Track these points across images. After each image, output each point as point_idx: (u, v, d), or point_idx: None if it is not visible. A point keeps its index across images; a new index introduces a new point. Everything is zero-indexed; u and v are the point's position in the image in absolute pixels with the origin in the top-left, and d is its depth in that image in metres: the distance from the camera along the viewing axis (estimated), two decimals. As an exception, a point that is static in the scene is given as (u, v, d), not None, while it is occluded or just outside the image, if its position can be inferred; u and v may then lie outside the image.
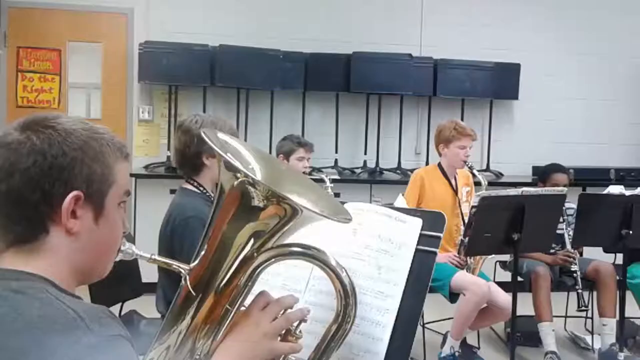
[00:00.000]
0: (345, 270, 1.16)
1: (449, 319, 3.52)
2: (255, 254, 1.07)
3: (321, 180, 3.89)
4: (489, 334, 4.06)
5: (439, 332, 3.75)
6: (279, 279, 1.53)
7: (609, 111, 5.92)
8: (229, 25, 5.33)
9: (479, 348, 3.71)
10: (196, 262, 1.05)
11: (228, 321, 1.06)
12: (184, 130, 2.27)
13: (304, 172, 3.74)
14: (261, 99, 5.37)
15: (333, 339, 1.17)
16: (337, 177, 4.71)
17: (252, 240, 1.06)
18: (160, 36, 5.12)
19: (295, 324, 1.12)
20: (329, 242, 1.53)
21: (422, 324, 3.77)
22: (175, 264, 1.06)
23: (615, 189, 3.50)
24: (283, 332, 1.10)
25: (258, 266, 1.07)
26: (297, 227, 1.09)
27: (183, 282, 1.05)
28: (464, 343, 3.55)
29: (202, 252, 1.06)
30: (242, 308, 1.09)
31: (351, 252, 1.54)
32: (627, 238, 3.28)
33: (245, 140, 5.22)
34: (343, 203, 1.67)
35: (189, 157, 2.26)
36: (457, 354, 3.39)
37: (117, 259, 1.02)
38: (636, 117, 5.94)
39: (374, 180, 5.28)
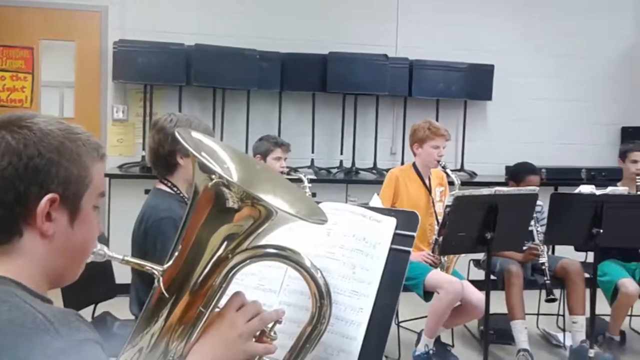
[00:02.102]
0: (320, 271, 1.17)
1: (423, 317, 3.55)
2: (230, 255, 1.06)
3: (299, 180, 3.90)
4: (462, 332, 4.10)
5: (413, 331, 3.78)
6: (254, 279, 1.53)
7: (580, 112, 6.03)
8: (205, 24, 5.31)
9: (453, 346, 3.74)
10: (169, 263, 1.04)
11: (202, 322, 1.06)
12: (158, 129, 2.25)
13: (281, 172, 3.75)
14: (237, 98, 5.36)
15: (308, 340, 1.17)
16: (313, 177, 4.72)
17: (226, 242, 1.06)
18: (135, 35, 5.07)
19: (270, 325, 1.12)
20: (304, 242, 1.54)
21: (396, 322, 3.80)
22: (148, 265, 1.05)
23: (586, 189, 3.55)
24: (258, 333, 1.10)
25: (232, 267, 1.07)
26: (273, 228, 1.09)
27: (156, 283, 1.04)
28: (438, 341, 3.57)
29: (176, 253, 1.05)
30: (217, 309, 1.09)
31: (326, 252, 1.54)
32: (597, 237, 3.33)
33: (221, 140, 5.19)
34: (318, 203, 1.68)
35: (163, 156, 2.24)
36: (431, 352, 3.41)
37: (89, 261, 1.01)
38: (607, 118, 6.06)
39: (350, 180, 5.30)
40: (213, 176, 1.02)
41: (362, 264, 1.55)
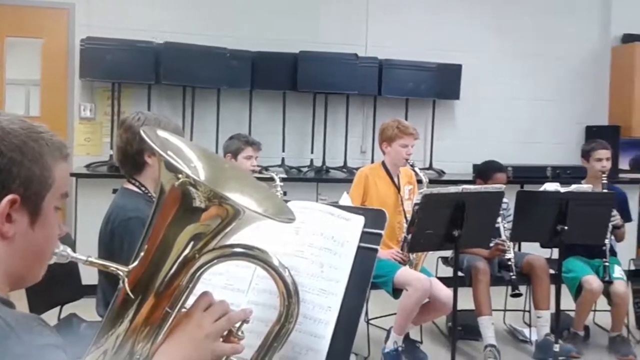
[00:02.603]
0: (288, 270, 1.16)
1: (392, 314, 3.57)
2: (197, 255, 1.05)
3: (271, 179, 3.89)
4: (431, 329, 4.15)
5: (382, 328, 3.80)
6: (222, 279, 1.53)
7: (546, 111, 6.15)
8: (174, 22, 5.27)
9: (421, 342, 3.77)
10: (135, 263, 1.03)
11: (169, 323, 1.05)
12: (126, 127, 2.23)
13: (252, 171, 3.74)
14: (207, 97, 5.33)
15: (276, 339, 1.17)
16: (284, 175, 4.72)
17: (193, 241, 1.05)
18: (102, 32, 5.01)
19: (237, 325, 1.11)
20: (272, 241, 1.54)
21: (366, 319, 3.82)
22: (113, 266, 1.03)
23: (551, 186, 3.62)
24: (225, 333, 1.10)
25: (200, 267, 1.06)
26: (241, 227, 1.08)
27: (121, 284, 1.03)
28: (407, 338, 3.59)
29: (142, 254, 1.04)
30: (184, 309, 1.08)
31: (294, 251, 1.54)
32: (562, 233, 3.40)
33: (191, 139, 5.16)
34: (287, 201, 1.69)
35: (131, 155, 2.22)
36: (400, 348, 3.43)
37: (52, 262, 0.99)
38: (572, 117, 6.20)
39: (320, 178, 5.32)
40: (180, 175, 1.01)
41: (330, 262, 1.55)
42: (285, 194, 4.03)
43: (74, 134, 5.17)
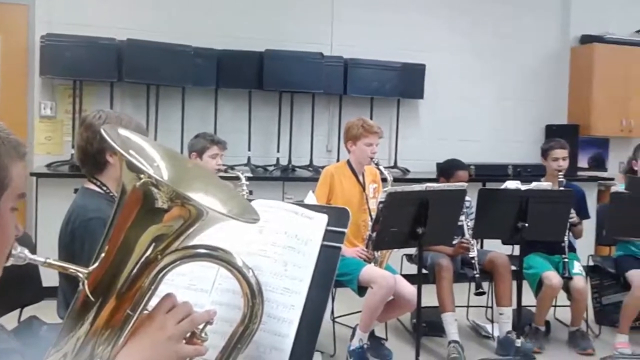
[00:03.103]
0: (252, 270, 1.16)
1: (357, 312, 3.60)
2: (159, 257, 1.04)
3: (237, 179, 3.88)
4: (396, 326, 4.19)
5: (348, 326, 3.82)
6: (185, 279, 1.52)
7: (507, 110, 6.27)
8: (137, 19, 5.19)
9: (386, 339, 3.81)
10: (95, 265, 1.02)
11: (130, 326, 1.03)
12: (87, 126, 2.19)
13: (217, 170, 3.72)
14: (172, 95, 5.27)
15: (240, 340, 1.16)
16: (249, 174, 4.70)
17: (155, 243, 1.03)
18: (63, 29, 4.89)
19: (201, 326, 1.10)
20: (236, 240, 1.54)
21: (331, 318, 3.85)
22: (72, 268, 1.02)
23: (511, 184, 3.69)
24: (188, 334, 1.09)
25: (162, 269, 1.05)
26: (204, 227, 1.07)
27: (81, 286, 1.02)
28: (372, 335, 3.62)
29: (102, 255, 1.02)
30: (146, 311, 1.07)
31: (258, 250, 1.54)
32: (523, 230, 3.49)
33: (156, 138, 5.11)
34: (251, 201, 1.69)
35: (92, 155, 2.18)
36: (365, 346, 3.46)
37: (8, 264, 0.97)
38: (532, 116, 6.33)
39: (286, 177, 5.32)
40: (142, 176, 1.00)
41: (294, 261, 1.56)
42: (251, 193, 4.02)
43: (34, 133, 5.05)
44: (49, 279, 2.35)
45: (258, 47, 5.35)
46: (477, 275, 3.67)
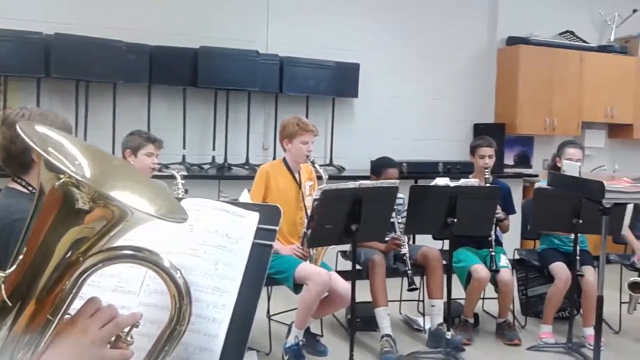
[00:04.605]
0: (180, 271, 1.15)
1: (293, 309, 3.62)
2: (81, 259, 1.01)
3: (172, 177, 3.82)
4: (331, 322, 4.24)
5: (284, 323, 3.83)
6: (112, 281, 1.48)
7: (438, 109, 6.44)
8: (66, 13, 5.03)
9: (321, 336, 3.84)
10: (12, 268, 0.98)
11: (51, 330, 1.00)
12: (9, 124, 2.10)
13: (152, 169, 3.65)
14: (102, 92, 5.14)
15: (167, 342, 1.15)
16: (185, 173, 4.64)
17: (77, 244, 1.01)
18: (-14, 21, 4.69)
19: (126, 329, 1.08)
20: (164, 240, 1.52)
21: (267, 316, 3.86)
22: (-14, 272, 0.99)
23: (441, 181, 3.80)
24: (113, 338, 1.06)
25: (84, 271, 1.02)
26: (130, 227, 1.05)
27: (-3, 290, 0.98)
28: (307, 332, 3.65)
29: (20, 257, 0.99)
30: (68, 316, 1.03)
31: (187, 249, 1.53)
32: (452, 226, 3.60)
33: (86, 135, 4.97)
34: (180, 199, 1.67)
35: (16, 154, 2.09)
36: (301, 343, 3.48)
37: None
38: (461, 115, 6.53)
39: (222, 176, 5.29)
40: (61, 175, 0.97)
41: (224, 260, 1.55)
42: (186, 191, 3.97)
43: (-46, 130, 4.80)
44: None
45: (193, 43, 5.29)
46: (409, 272, 3.76)
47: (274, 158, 5.41)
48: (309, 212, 3.59)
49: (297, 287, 3.41)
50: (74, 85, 5.00)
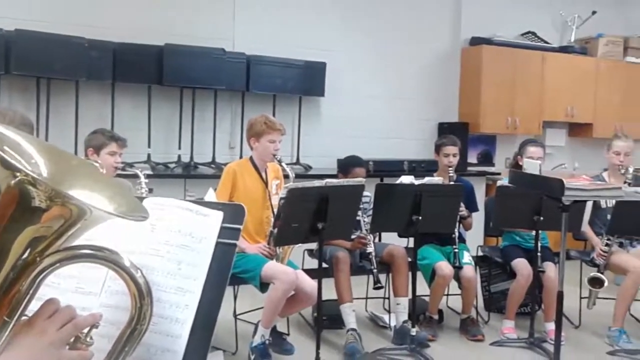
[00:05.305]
0: (141, 271, 1.14)
1: (259, 308, 3.62)
2: (38, 259, 1.00)
3: (135, 176, 3.77)
4: (298, 320, 4.24)
5: (250, 322, 3.82)
6: (72, 282, 1.46)
7: (403, 108, 6.50)
8: (27, 8, 4.92)
9: (288, 334, 3.84)
10: None
11: (7, 332, 0.98)
12: (-34, 123, 2.06)
13: (115, 168, 3.60)
14: (65, 89, 5.04)
15: (128, 342, 1.14)
16: (149, 172, 4.59)
17: (33, 244, 0.99)
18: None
19: (85, 330, 1.06)
20: (126, 240, 1.51)
21: (234, 315, 3.85)
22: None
23: (406, 179, 3.83)
24: (72, 339, 1.05)
25: (42, 271, 1.00)
26: (89, 226, 1.04)
27: (-52, 293, 0.96)
28: (274, 331, 3.64)
29: None
30: (25, 317, 1.02)
31: (149, 249, 1.51)
32: (416, 223, 3.64)
33: (47, 134, 4.87)
34: (143, 199, 1.65)
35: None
36: (267, 342, 3.47)
37: None
38: (426, 114, 6.60)
39: (188, 174, 5.24)
40: (17, 173, 0.95)
41: (188, 259, 1.54)
42: (151, 190, 3.92)
43: None
44: None
45: (157, 41, 5.23)
46: (374, 271, 3.78)
47: (241, 157, 5.39)
48: (275, 210, 3.59)
49: (263, 286, 3.40)
50: (35, 82, 4.90)
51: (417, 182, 3.75)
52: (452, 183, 4.14)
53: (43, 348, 0.99)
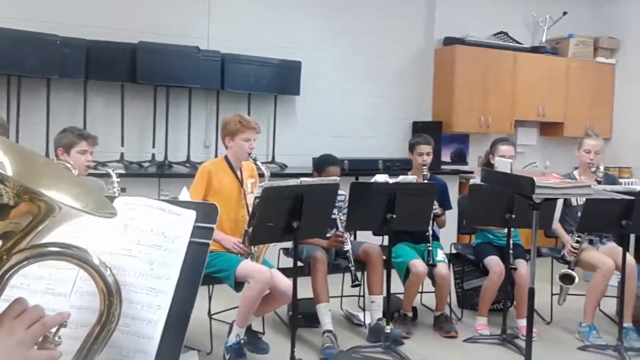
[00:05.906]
0: (110, 269, 1.13)
1: (234, 308, 3.60)
2: (5, 256, 0.99)
3: (107, 175, 3.72)
4: (273, 319, 4.24)
5: (225, 322, 3.80)
6: (42, 283, 1.45)
7: (378, 107, 6.54)
8: (-4, 5, 4.83)
9: (263, 333, 3.84)
10: None
11: None
12: None
13: (87, 167, 3.55)
14: (36, 87, 4.96)
15: (96, 341, 1.13)
16: (122, 171, 4.54)
17: (1, 241, 0.98)
18: None
19: (53, 330, 1.05)
20: (98, 241, 1.49)
21: (208, 315, 3.83)
22: None
23: (381, 178, 3.84)
24: (40, 339, 1.04)
25: (10, 269, 1.00)
26: (57, 224, 1.03)
27: None
28: (249, 330, 3.62)
29: None
30: None
31: (121, 250, 1.50)
32: (391, 222, 3.66)
33: (18, 132, 4.79)
34: (114, 198, 1.63)
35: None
36: (242, 341, 3.45)
37: None
38: (401, 113, 6.65)
39: (162, 174, 5.20)
40: None
41: (160, 259, 1.52)
42: (123, 190, 3.88)
43: None
44: None
45: (131, 38, 5.18)
46: (352, 268, 3.80)
47: (216, 156, 5.36)
48: (250, 209, 3.57)
49: (238, 286, 3.38)
50: (6, 80, 4.82)
51: (391, 180, 3.77)
52: (425, 181, 4.17)
53: (11, 347, 0.98)
